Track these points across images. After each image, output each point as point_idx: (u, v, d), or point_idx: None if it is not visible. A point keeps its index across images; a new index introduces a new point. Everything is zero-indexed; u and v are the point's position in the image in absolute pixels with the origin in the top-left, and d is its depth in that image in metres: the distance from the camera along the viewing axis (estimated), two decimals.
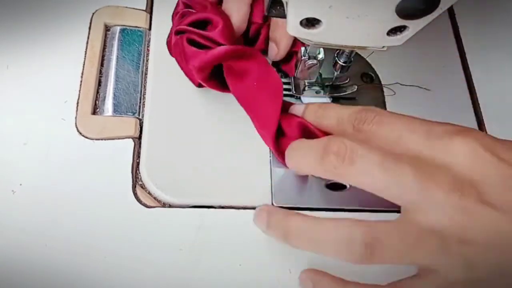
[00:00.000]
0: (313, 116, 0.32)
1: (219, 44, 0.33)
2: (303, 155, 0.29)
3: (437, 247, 0.25)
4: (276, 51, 0.35)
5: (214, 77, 0.34)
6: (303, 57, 0.32)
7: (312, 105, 0.33)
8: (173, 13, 0.38)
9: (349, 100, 0.37)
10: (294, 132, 0.33)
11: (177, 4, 0.38)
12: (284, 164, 0.32)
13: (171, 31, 0.37)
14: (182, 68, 0.36)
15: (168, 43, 0.37)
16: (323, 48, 0.32)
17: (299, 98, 0.37)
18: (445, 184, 0.25)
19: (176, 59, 0.36)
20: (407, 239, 0.25)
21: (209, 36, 0.33)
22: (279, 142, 0.33)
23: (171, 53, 0.37)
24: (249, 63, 0.33)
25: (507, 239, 0.24)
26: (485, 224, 0.24)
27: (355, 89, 0.35)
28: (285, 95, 0.37)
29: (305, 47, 0.32)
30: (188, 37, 0.34)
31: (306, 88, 0.36)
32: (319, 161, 0.27)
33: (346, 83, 0.36)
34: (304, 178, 0.34)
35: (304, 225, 0.28)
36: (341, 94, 0.36)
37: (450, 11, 0.43)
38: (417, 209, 0.25)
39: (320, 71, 0.34)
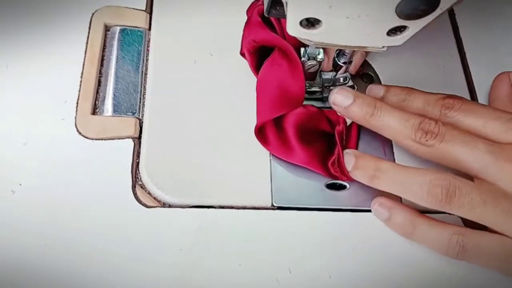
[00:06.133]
0: (395, 99, 0.33)
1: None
2: (392, 122, 0.31)
3: (510, 210, 0.28)
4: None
5: (258, 59, 0.35)
6: (302, 58, 0.32)
7: (394, 88, 0.34)
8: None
9: None
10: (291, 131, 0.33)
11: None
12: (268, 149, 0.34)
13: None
14: (243, 32, 0.36)
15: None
16: (323, 48, 0.32)
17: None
18: None
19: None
20: (485, 194, 0.28)
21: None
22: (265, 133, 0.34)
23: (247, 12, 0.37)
24: (287, 63, 0.34)
25: None
26: None
27: (355, 90, 0.35)
28: None
29: (305, 48, 0.32)
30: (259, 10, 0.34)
31: (306, 88, 0.36)
32: (410, 132, 0.30)
33: (346, 83, 0.36)
34: (304, 178, 0.34)
35: (392, 168, 0.30)
36: None
37: (450, 11, 0.43)
38: (491, 178, 0.29)
39: (319, 72, 0.34)
